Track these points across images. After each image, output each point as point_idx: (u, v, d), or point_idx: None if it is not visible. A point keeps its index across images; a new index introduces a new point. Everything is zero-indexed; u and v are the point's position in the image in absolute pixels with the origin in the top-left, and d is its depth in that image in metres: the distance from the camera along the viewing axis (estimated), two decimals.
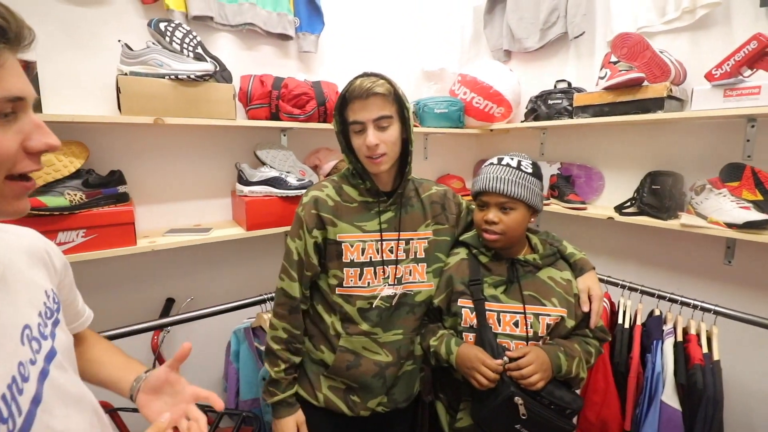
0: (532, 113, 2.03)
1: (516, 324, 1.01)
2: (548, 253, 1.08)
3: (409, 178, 1.10)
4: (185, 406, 0.69)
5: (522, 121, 2.11)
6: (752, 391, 1.51)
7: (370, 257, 1.05)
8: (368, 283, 1.05)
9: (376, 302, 1.05)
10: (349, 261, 1.04)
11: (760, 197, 1.38)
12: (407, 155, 1.05)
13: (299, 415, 1.08)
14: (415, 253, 1.09)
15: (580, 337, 1.06)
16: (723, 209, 1.39)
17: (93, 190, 1.28)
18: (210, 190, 1.71)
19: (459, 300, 1.06)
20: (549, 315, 1.01)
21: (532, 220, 1.07)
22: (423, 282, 1.10)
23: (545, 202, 1.96)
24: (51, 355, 0.56)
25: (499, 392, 0.94)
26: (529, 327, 1.00)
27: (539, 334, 1.01)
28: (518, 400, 0.92)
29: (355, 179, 1.07)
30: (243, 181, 1.58)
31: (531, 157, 1.08)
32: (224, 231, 1.54)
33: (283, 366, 1.06)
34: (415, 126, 2.02)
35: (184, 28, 1.39)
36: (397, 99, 1.00)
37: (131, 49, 1.32)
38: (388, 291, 1.06)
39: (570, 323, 1.03)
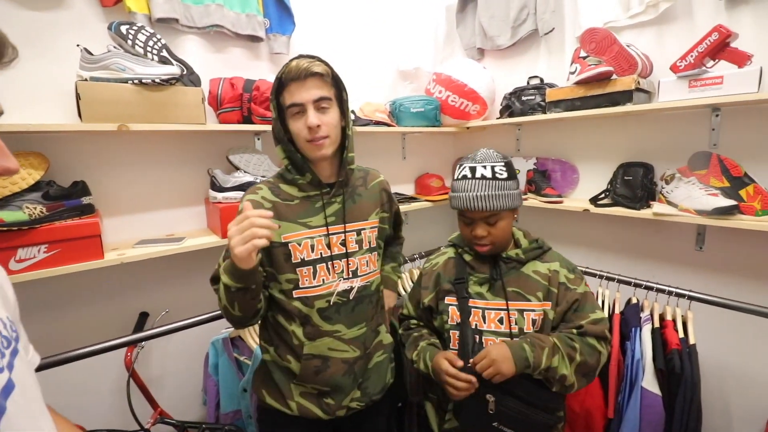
0: (507, 110, 2.05)
1: (500, 321, 1.01)
2: (532, 247, 1.07)
3: (353, 167, 1.07)
4: None
5: (497, 118, 2.13)
6: (727, 372, 1.56)
7: (321, 253, 1.01)
8: (323, 280, 1.01)
9: (333, 299, 1.01)
10: (299, 261, 0.99)
11: (727, 184, 1.42)
12: (346, 144, 1.03)
13: None
14: (369, 242, 1.07)
15: (563, 333, 1.01)
16: (692, 197, 1.43)
17: (54, 203, 1.22)
18: (182, 198, 1.65)
19: (446, 298, 1.08)
20: (533, 310, 1.00)
21: (515, 216, 1.08)
22: (375, 270, 1.10)
23: (523, 197, 1.98)
24: (8, 390, 0.50)
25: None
26: (513, 324, 1.00)
27: (525, 330, 1.00)
28: (489, 396, 0.93)
29: (293, 174, 1.01)
30: (216, 187, 1.54)
31: (502, 154, 1.05)
32: (198, 240, 1.49)
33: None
34: (392, 125, 2.01)
35: (147, 31, 1.34)
36: (335, 82, 0.97)
37: (91, 53, 1.26)
38: (343, 285, 1.02)
39: (552, 315, 1.01)
